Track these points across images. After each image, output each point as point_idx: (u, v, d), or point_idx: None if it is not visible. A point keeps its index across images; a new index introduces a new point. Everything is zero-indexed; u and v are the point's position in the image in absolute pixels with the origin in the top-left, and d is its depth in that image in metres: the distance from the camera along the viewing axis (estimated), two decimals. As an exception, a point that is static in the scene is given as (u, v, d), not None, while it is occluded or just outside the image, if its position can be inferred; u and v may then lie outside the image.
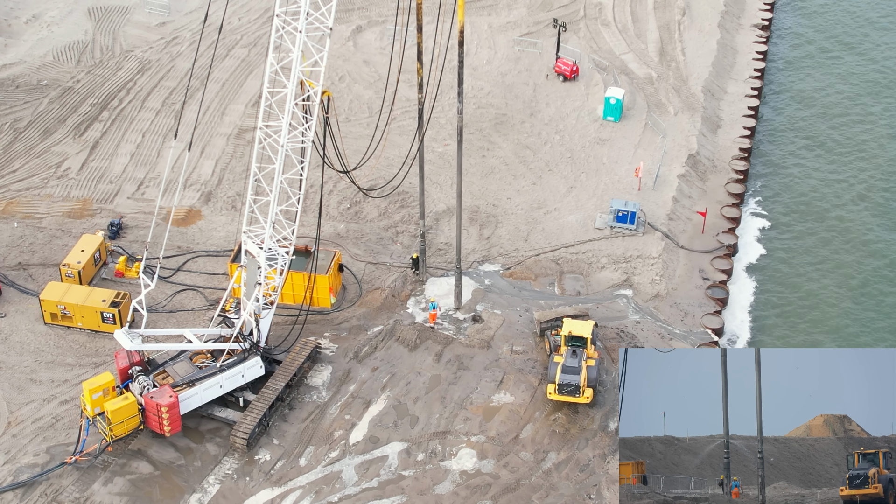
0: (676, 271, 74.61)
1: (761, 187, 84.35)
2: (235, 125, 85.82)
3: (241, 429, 59.85)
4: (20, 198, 78.27)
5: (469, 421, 62.53)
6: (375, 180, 77.47)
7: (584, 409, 63.11)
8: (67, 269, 69.71)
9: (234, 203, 78.04)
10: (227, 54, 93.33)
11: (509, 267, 74.42)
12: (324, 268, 68.78)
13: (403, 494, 58.27)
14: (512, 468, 59.95)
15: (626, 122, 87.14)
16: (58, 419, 61.66)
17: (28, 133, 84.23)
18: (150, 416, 58.91)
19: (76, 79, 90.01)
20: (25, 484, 57.75)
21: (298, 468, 59.74)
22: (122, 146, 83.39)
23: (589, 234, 76.62)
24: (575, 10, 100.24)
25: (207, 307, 69.52)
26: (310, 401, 63.70)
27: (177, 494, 58.00)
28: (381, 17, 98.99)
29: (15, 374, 64.57)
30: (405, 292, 71.54)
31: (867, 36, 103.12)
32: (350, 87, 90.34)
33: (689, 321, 70.86)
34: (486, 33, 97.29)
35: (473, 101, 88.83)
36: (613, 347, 67.31)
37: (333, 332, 68.45)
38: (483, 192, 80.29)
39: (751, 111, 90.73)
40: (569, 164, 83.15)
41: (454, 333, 68.46)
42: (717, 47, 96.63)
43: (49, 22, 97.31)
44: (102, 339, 67.19)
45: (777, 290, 75.09)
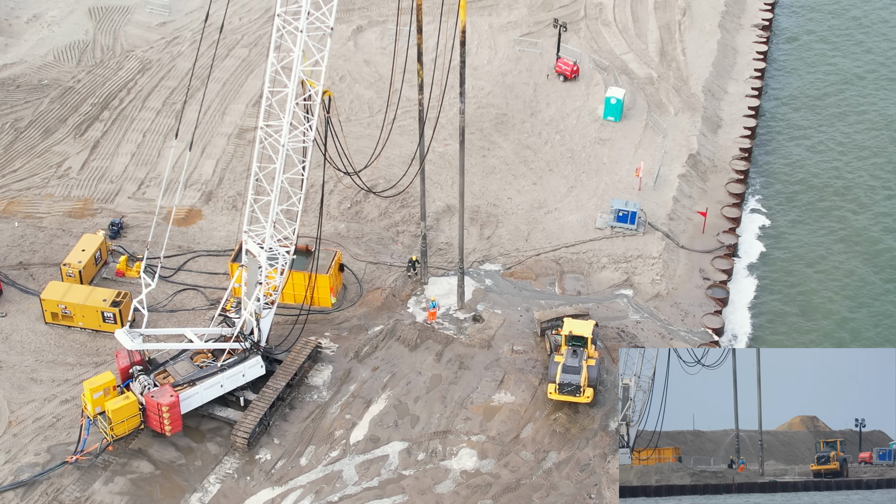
0: (677, 271, 74.65)
1: (762, 187, 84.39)
2: (236, 125, 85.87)
3: (241, 428, 59.88)
4: (21, 197, 78.31)
5: (470, 420, 62.56)
6: (376, 180, 77.50)
7: (584, 408, 63.13)
8: (68, 268, 69.75)
9: (234, 203, 78.08)
10: (228, 54, 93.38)
11: (510, 267, 74.46)
12: (324, 267, 68.81)
13: (404, 494, 58.30)
14: (512, 468, 59.98)
15: (627, 122, 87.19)
16: (58, 418, 61.69)
17: (29, 133, 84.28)
18: (151, 415, 58.94)
19: (77, 78, 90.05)
20: (26, 483, 57.78)
21: (299, 467, 59.76)
22: (122, 146, 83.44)
23: (589, 234, 76.66)
24: (575, 11, 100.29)
25: (208, 307, 69.55)
26: (310, 400, 63.73)
27: (177, 494, 58.03)
28: (381, 17, 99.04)
29: (16, 374, 64.60)
30: (406, 292, 71.58)
31: (867, 34, 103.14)
32: (351, 86, 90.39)
33: (689, 321, 70.89)
34: (487, 33, 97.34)
35: (474, 100, 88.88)
36: (614, 347, 67.34)
37: (334, 331, 68.48)
38: (484, 191, 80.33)
39: (751, 111, 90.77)
40: (569, 164, 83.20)
41: (455, 333, 68.50)
42: (717, 47, 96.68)
43: (50, 22, 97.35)
44: (103, 339, 67.22)
45: (778, 290, 75.12)
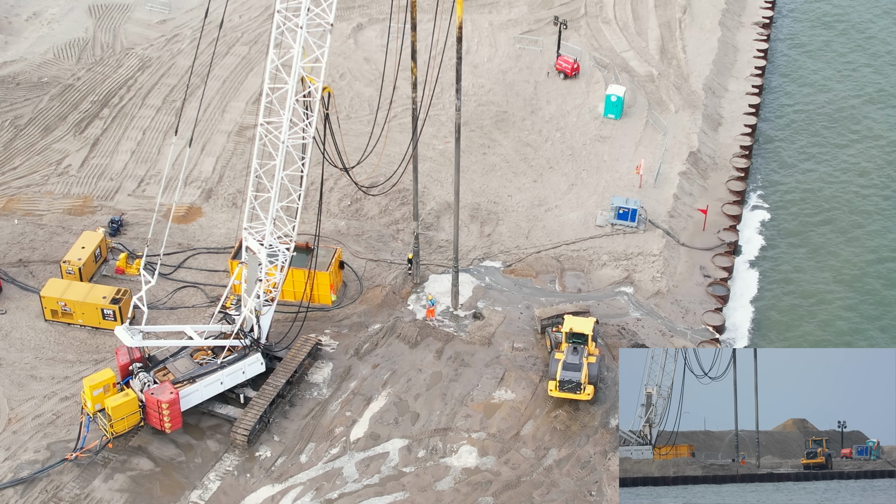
0: (677, 268, 74.59)
1: (762, 184, 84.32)
2: (236, 122, 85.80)
3: (241, 425, 59.81)
4: (21, 195, 78.26)
5: (470, 418, 62.50)
6: (376, 178, 77.43)
7: (585, 405, 63.10)
8: (68, 265, 69.70)
9: (234, 200, 78.03)
10: (228, 51, 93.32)
11: (510, 264, 74.41)
12: (324, 265, 68.73)
13: (404, 491, 58.24)
14: (513, 465, 59.93)
15: (627, 119, 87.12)
16: (58, 416, 61.64)
17: (29, 130, 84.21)
18: (151, 412, 58.88)
19: (77, 76, 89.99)
20: (26, 480, 57.73)
21: (299, 465, 59.71)
22: (122, 143, 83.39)
23: (590, 232, 76.60)
24: (576, 8, 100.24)
25: (208, 304, 69.49)
26: (310, 397, 63.67)
27: (177, 491, 57.97)
28: (381, 15, 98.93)
29: (15, 371, 64.56)
30: (406, 289, 71.53)
31: (868, 33, 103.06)
32: (351, 84, 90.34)
33: (689, 318, 70.84)
34: (487, 31, 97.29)
35: (474, 98, 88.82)
36: (614, 344, 67.30)
37: (334, 328, 68.43)
38: (484, 189, 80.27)
39: (752, 108, 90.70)
40: (570, 162, 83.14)
41: (455, 330, 68.44)
42: (717, 45, 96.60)
43: (50, 19, 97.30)
44: (103, 336, 67.17)
45: (778, 288, 75.05)
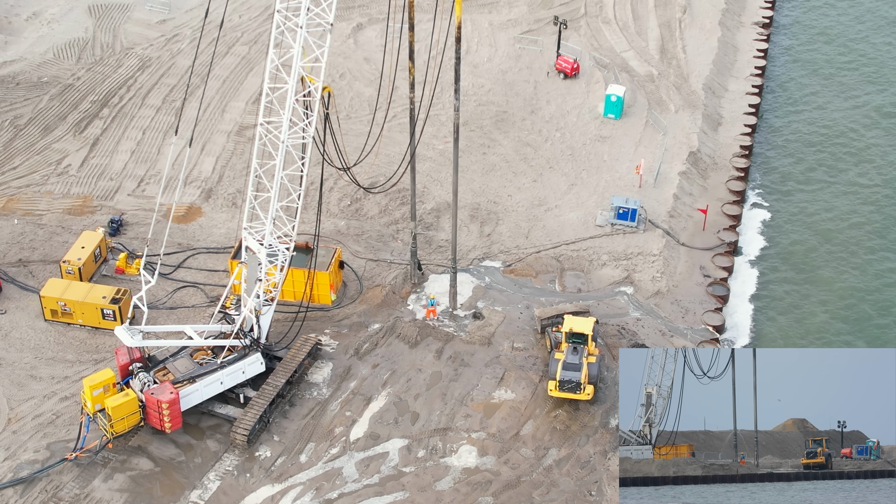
0: (677, 268, 74.58)
1: (762, 184, 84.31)
2: (236, 122, 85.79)
3: (241, 425, 59.79)
4: (21, 194, 78.24)
5: (470, 417, 62.49)
6: (376, 177, 77.43)
7: (584, 405, 63.09)
8: (68, 265, 69.68)
9: (234, 200, 78.01)
10: (228, 51, 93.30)
11: (510, 264, 74.40)
12: (324, 264, 68.72)
13: (404, 491, 58.22)
14: (513, 465, 59.91)
15: (627, 119, 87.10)
16: (58, 416, 61.63)
17: (28, 130, 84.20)
18: (151, 412, 58.87)
19: (76, 76, 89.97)
20: (25, 480, 57.72)
21: (299, 465, 59.69)
22: (122, 143, 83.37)
23: (590, 232, 76.59)
24: (576, 8, 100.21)
25: (208, 304, 69.48)
26: (310, 397, 63.66)
27: (177, 491, 57.96)
28: (381, 15, 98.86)
29: (15, 371, 64.54)
30: (406, 289, 71.51)
31: (868, 32, 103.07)
32: (351, 84, 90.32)
33: (689, 318, 70.83)
34: (487, 31, 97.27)
35: (474, 98, 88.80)
36: (614, 344, 67.28)
37: (334, 328, 68.42)
38: (484, 189, 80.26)
39: (752, 108, 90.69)
40: (570, 162, 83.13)
41: (455, 330, 68.42)
42: (717, 45, 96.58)
43: (49, 19, 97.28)
44: (103, 336, 67.15)
45: (778, 288, 75.04)
